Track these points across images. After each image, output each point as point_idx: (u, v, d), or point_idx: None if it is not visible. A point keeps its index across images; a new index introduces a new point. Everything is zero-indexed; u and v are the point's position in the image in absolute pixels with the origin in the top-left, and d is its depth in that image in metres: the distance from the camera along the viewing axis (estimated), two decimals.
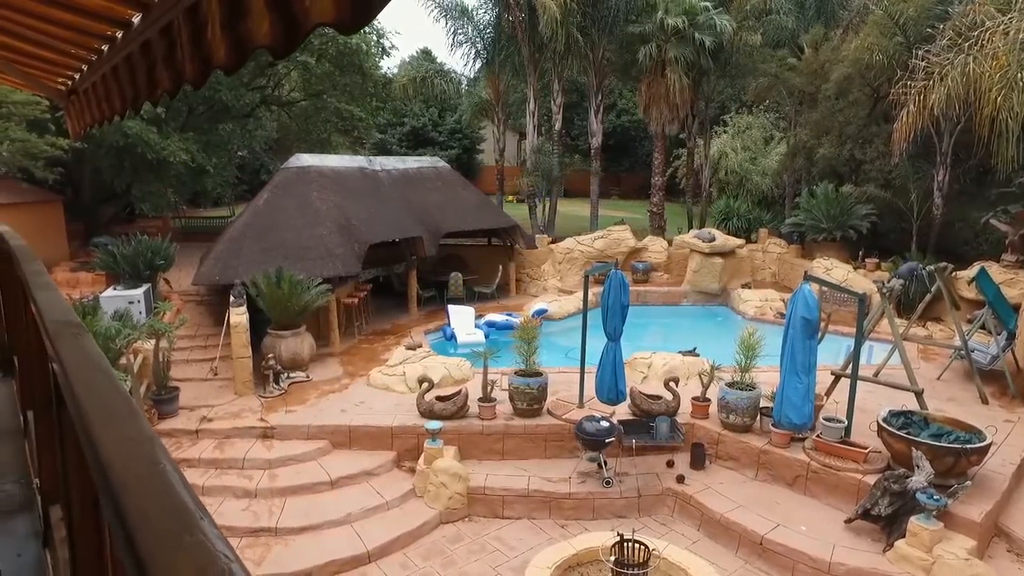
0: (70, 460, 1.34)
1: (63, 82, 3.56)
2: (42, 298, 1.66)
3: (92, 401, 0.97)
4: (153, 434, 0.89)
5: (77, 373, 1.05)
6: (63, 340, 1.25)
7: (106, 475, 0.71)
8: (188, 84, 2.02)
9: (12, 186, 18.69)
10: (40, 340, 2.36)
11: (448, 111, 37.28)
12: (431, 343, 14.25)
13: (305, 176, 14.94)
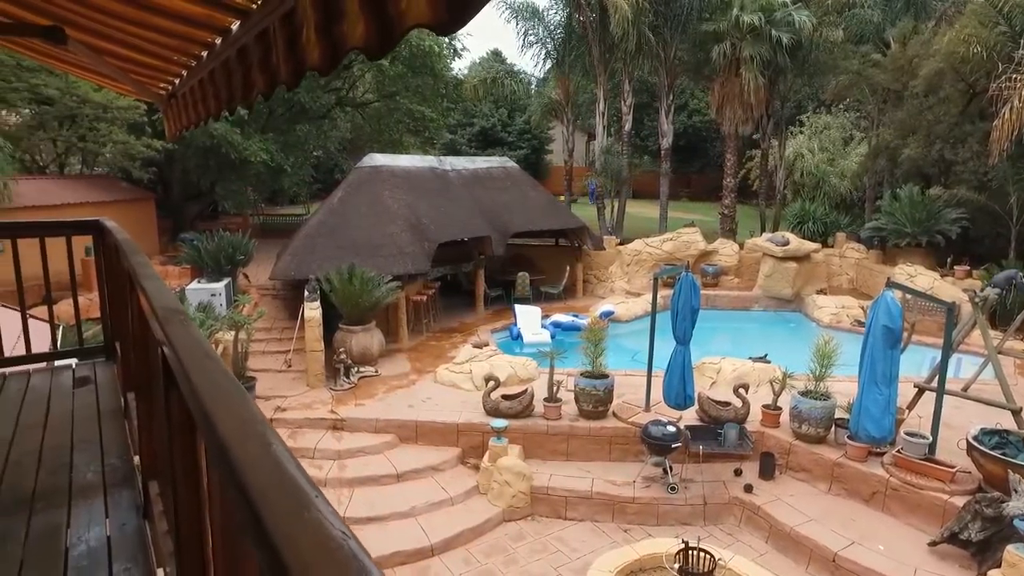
0: (176, 439, 1.42)
1: (164, 87, 3.78)
2: (150, 287, 1.76)
3: (205, 383, 1.03)
4: (263, 415, 0.94)
5: (190, 357, 1.11)
6: (173, 326, 1.33)
7: (226, 454, 0.75)
8: (282, 85, 2.11)
9: (113, 184, 19.99)
10: (142, 327, 2.51)
11: (517, 112, 37.46)
12: (497, 342, 14.35)
13: (377, 175, 15.31)
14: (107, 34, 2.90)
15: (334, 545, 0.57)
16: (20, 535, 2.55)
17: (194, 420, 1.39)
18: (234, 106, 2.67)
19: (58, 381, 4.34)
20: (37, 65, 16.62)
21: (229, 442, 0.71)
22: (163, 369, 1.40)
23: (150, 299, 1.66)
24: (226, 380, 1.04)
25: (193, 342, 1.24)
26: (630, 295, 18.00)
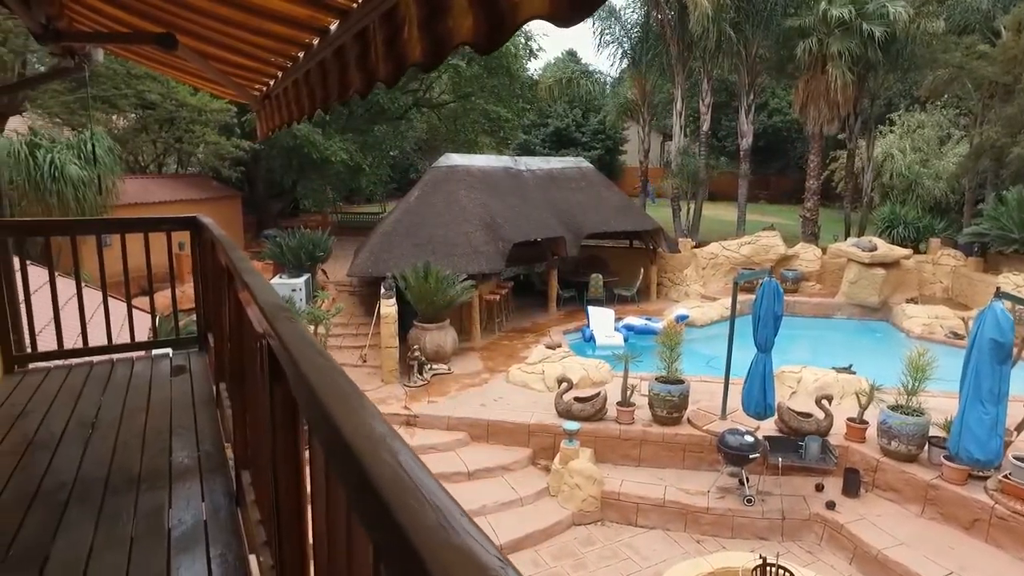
0: (279, 433, 1.44)
1: (259, 88, 3.92)
2: (254, 283, 1.81)
3: (320, 379, 1.02)
4: (377, 410, 0.93)
5: (301, 353, 1.11)
6: (281, 322, 1.34)
7: (353, 462, 0.73)
8: (380, 84, 2.13)
9: (205, 183, 21.10)
10: (238, 321, 2.59)
11: (592, 112, 37.17)
12: (569, 343, 14.26)
13: (453, 175, 15.50)
14: (214, 39, 3.02)
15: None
16: (130, 513, 2.69)
17: (297, 415, 1.41)
18: (329, 106, 2.72)
19: (158, 369, 4.58)
20: (143, 72, 17.73)
21: (359, 451, 0.69)
22: (268, 363, 1.42)
23: (255, 295, 1.69)
24: (339, 376, 1.04)
25: (302, 338, 1.24)
26: (705, 299, 17.55)
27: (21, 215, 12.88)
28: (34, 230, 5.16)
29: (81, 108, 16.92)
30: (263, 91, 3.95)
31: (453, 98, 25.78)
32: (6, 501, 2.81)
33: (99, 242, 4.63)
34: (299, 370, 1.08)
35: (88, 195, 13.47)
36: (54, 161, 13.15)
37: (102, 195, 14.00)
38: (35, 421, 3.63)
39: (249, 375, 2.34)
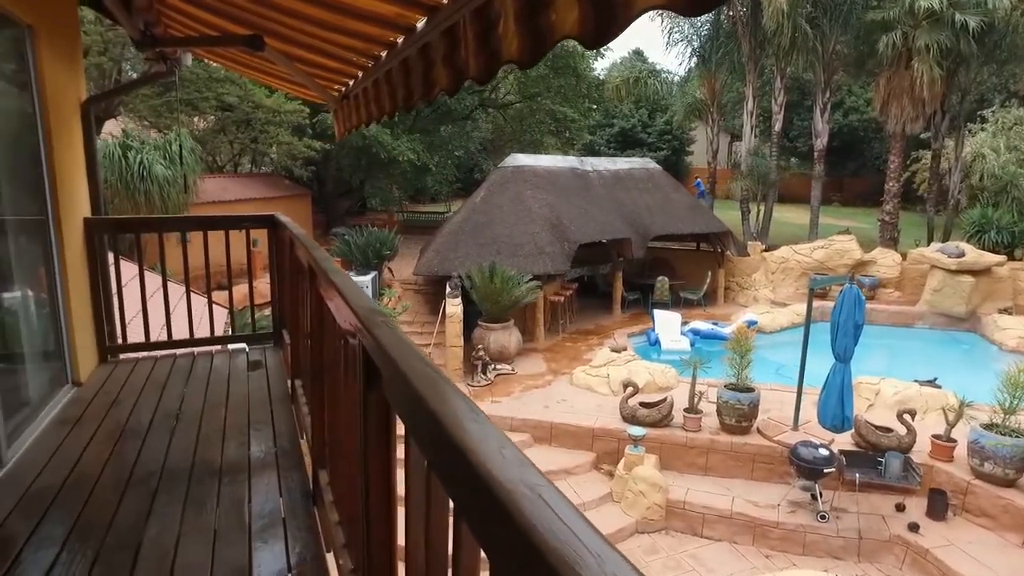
0: (373, 437, 1.41)
1: (338, 88, 3.97)
2: (342, 283, 1.79)
3: (423, 384, 0.98)
4: (498, 430, 0.88)
5: (407, 362, 1.07)
6: (378, 326, 1.31)
7: (466, 459, 0.68)
8: (471, 81, 2.08)
9: (278, 182, 21.84)
10: (318, 319, 2.60)
11: (658, 112, 36.53)
12: (634, 347, 14.04)
13: (520, 175, 15.49)
14: (298, 40, 3.06)
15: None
16: (213, 504, 2.75)
17: (391, 420, 1.37)
18: (412, 104, 2.70)
19: (235, 363, 4.71)
20: (223, 76, 18.47)
21: (466, 443, 0.63)
22: (363, 366, 1.39)
23: (346, 295, 1.68)
24: (443, 382, 0.99)
25: (400, 342, 1.20)
26: (775, 305, 16.97)
27: (113, 212, 13.61)
28: (126, 227, 5.41)
29: (168, 111, 17.76)
30: (342, 91, 3.99)
31: (519, 98, 25.80)
32: (104, 485, 2.93)
33: (184, 239, 4.81)
34: (405, 380, 1.03)
35: (172, 193, 14.11)
36: (143, 161, 13.84)
37: (186, 193, 14.64)
38: (126, 410, 3.78)
39: (330, 374, 2.34)
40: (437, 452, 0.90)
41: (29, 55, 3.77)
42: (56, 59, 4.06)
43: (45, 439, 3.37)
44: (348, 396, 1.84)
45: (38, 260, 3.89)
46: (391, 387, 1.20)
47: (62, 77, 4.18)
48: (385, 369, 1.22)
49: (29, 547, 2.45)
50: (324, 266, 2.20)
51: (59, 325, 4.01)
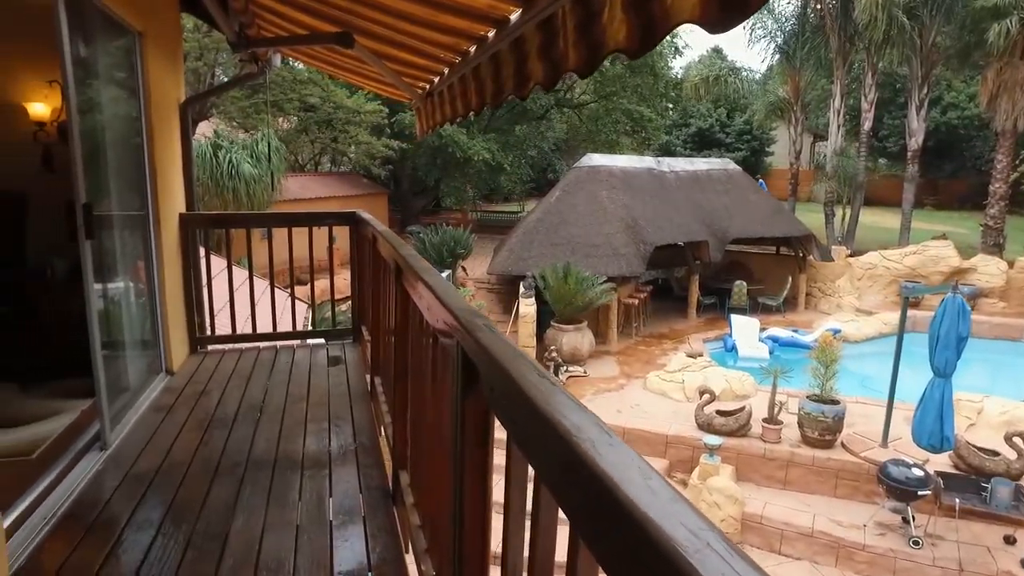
0: (469, 439, 1.35)
1: (422, 86, 3.97)
2: (436, 283, 1.75)
3: (539, 395, 0.91)
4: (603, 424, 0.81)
5: (512, 364, 1.01)
6: (480, 330, 1.25)
7: (605, 491, 0.61)
8: (568, 74, 2.00)
9: (356, 180, 22.46)
10: (402, 317, 2.58)
11: (737, 111, 35.42)
12: (710, 352, 13.63)
13: (595, 175, 15.31)
14: (387, 36, 3.07)
15: None
16: (295, 498, 2.79)
17: (490, 427, 1.31)
18: (500, 101, 2.65)
19: (316, 358, 4.80)
20: (306, 78, 19.13)
21: (639, 510, 0.54)
22: (460, 369, 1.33)
23: (439, 293, 1.63)
24: (550, 385, 0.93)
25: (502, 344, 1.14)
26: (860, 313, 16.11)
27: (204, 209, 14.32)
28: (217, 223, 5.63)
29: (255, 112, 18.54)
30: (426, 88, 4.00)
31: (594, 98, 25.55)
32: (194, 473, 3.02)
33: (269, 235, 4.95)
34: (516, 389, 0.97)
35: (257, 191, 14.71)
36: (232, 160, 14.49)
37: (273, 191, 15.23)
38: (214, 400, 3.91)
39: (416, 374, 2.31)
40: (557, 471, 0.83)
41: (137, 60, 3.96)
42: (160, 63, 4.25)
43: (142, 424, 3.52)
44: (437, 397, 1.80)
45: (139, 254, 4.08)
46: (495, 393, 1.13)
47: (165, 80, 4.37)
48: (488, 374, 1.16)
49: (129, 528, 2.55)
50: (414, 264, 2.17)
51: (156, 316, 4.19)
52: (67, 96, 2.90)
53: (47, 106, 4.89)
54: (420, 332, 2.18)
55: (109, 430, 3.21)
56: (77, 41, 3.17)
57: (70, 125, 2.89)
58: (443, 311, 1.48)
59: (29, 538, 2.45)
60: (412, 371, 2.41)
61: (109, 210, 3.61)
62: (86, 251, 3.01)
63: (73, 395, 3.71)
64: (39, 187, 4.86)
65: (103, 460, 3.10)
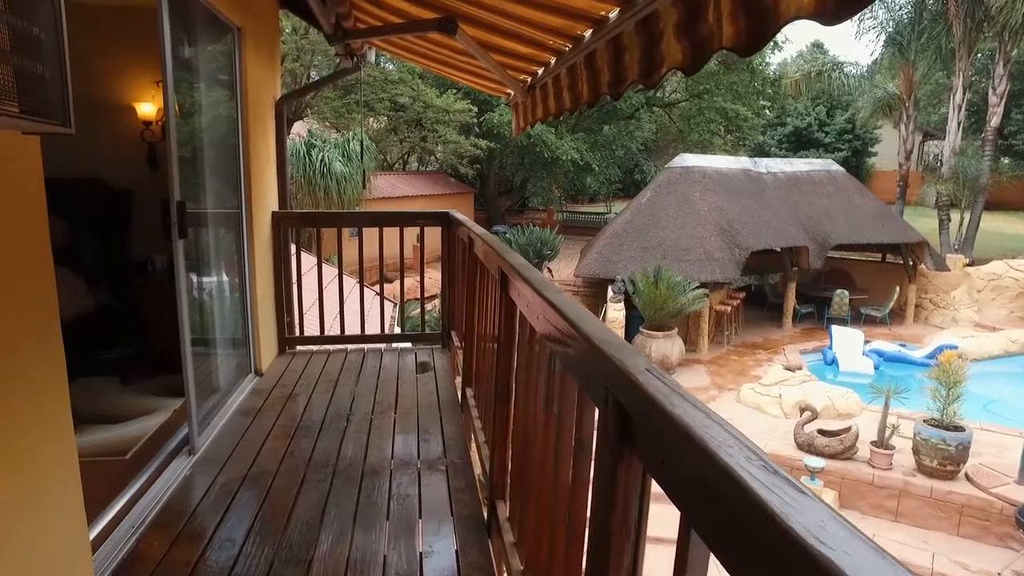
0: (615, 502, 1.07)
1: (525, 78, 3.73)
2: (566, 306, 1.48)
3: (756, 496, 0.62)
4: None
5: (699, 433, 0.73)
6: (639, 373, 0.96)
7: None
8: (673, 71, 1.79)
9: (443, 180, 22.66)
10: (507, 330, 2.33)
11: (838, 109, 33.42)
12: (808, 365, 12.79)
13: (688, 176, 14.70)
14: (491, 23, 2.83)
15: None
16: (383, 518, 2.61)
17: (644, 494, 1.02)
18: (621, 91, 2.36)
19: (403, 363, 4.64)
20: (397, 78, 19.41)
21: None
22: (615, 421, 1.05)
23: (557, 305, 1.38)
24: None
25: (694, 410, 0.86)
26: (980, 328, 14.72)
27: (298, 206, 14.72)
28: (309, 221, 5.61)
29: (347, 112, 18.97)
30: (527, 81, 3.75)
31: (685, 96, 24.68)
32: (281, 481, 2.91)
33: (360, 235, 4.84)
34: (718, 481, 0.68)
35: (348, 189, 14.97)
36: (324, 159, 14.82)
37: (365, 189, 15.47)
38: (300, 405, 3.80)
39: (524, 400, 2.05)
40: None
41: (236, 56, 3.90)
42: (258, 59, 4.20)
43: (230, 428, 3.44)
44: (552, 428, 1.53)
45: (232, 251, 4.04)
46: (669, 467, 0.85)
47: (262, 76, 4.32)
48: (656, 441, 0.88)
49: (212, 545, 2.43)
50: (528, 275, 1.90)
51: (247, 315, 4.14)
52: (166, 93, 2.83)
53: (154, 106, 4.97)
54: (530, 353, 1.92)
55: (197, 434, 3.13)
56: (179, 39, 3.12)
57: (167, 122, 2.81)
58: (583, 343, 1.20)
59: (115, 551, 2.37)
60: (519, 395, 2.15)
61: (204, 207, 3.56)
62: (178, 249, 2.94)
63: (170, 392, 3.70)
64: (144, 184, 4.96)
65: (191, 465, 3.02)
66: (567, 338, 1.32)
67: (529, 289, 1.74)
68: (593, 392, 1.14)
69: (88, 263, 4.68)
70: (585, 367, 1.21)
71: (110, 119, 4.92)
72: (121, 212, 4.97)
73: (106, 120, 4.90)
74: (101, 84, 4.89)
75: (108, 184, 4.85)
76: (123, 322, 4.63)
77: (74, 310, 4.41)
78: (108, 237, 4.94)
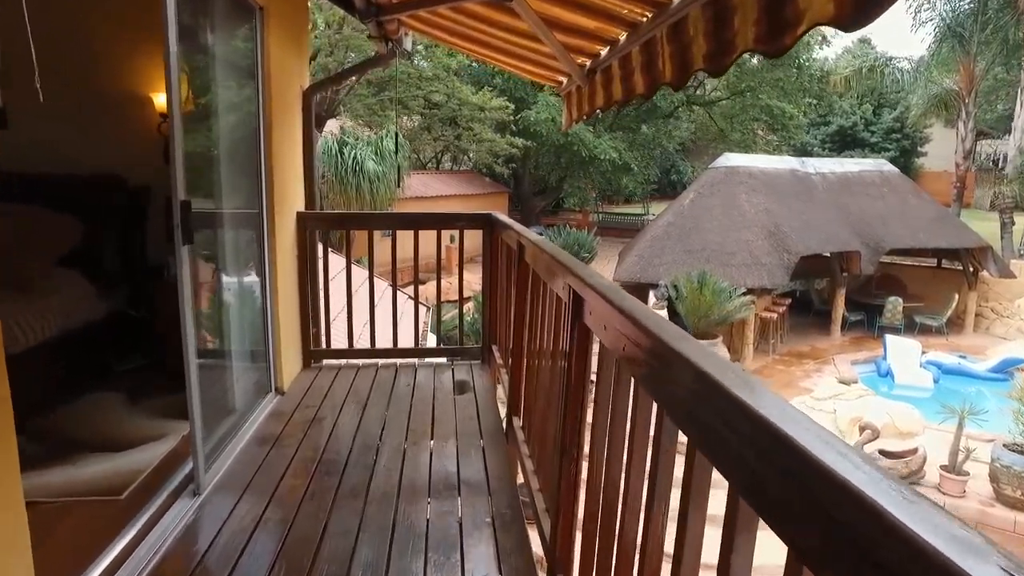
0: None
1: (583, 61, 3.24)
2: (651, 321, 1.01)
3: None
4: None
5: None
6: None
7: None
8: (755, 52, 1.47)
9: (477, 179, 22.24)
10: (578, 371, 1.85)
11: (886, 107, 32.13)
12: (860, 377, 12.04)
13: (733, 176, 14.03)
14: None
15: None
16: (419, 571, 2.17)
17: None
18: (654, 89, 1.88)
19: (440, 381, 4.19)
20: (431, 75, 19.04)
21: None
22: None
23: (633, 315, 0.92)
24: None
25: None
26: None
27: (328, 206, 14.42)
28: (338, 223, 5.20)
29: (380, 109, 18.65)
30: (586, 64, 3.26)
31: (727, 94, 23.85)
32: (298, 536, 2.48)
33: (394, 236, 4.40)
34: None
35: (380, 188, 14.63)
36: (356, 157, 14.49)
37: (399, 188, 15.11)
38: (325, 432, 3.38)
39: (602, 453, 1.57)
40: None
41: (257, 38, 3.50)
42: (283, 43, 3.79)
43: (243, 461, 3.02)
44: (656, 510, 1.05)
45: (250, 256, 3.63)
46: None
47: (287, 62, 3.91)
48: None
49: None
50: (620, 302, 1.40)
51: (267, 327, 3.73)
52: (168, 77, 2.41)
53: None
54: (615, 399, 1.44)
55: (204, 470, 2.71)
56: (190, 16, 2.72)
57: (170, 108, 2.40)
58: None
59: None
60: (598, 456, 1.64)
61: (218, 207, 3.16)
62: (182, 254, 2.53)
63: (182, 413, 3.30)
64: (161, 181, 4.57)
65: (195, 508, 2.60)
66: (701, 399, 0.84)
67: (624, 320, 1.25)
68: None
69: (102, 266, 4.33)
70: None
71: (125, 111, 4.56)
72: (137, 211, 4.60)
73: (120, 112, 4.54)
74: (115, 73, 4.53)
75: (124, 181, 4.49)
76: (137, 331, 4.27)
77: (85, 317, 4.05)
78: (123, 238, 4.58)
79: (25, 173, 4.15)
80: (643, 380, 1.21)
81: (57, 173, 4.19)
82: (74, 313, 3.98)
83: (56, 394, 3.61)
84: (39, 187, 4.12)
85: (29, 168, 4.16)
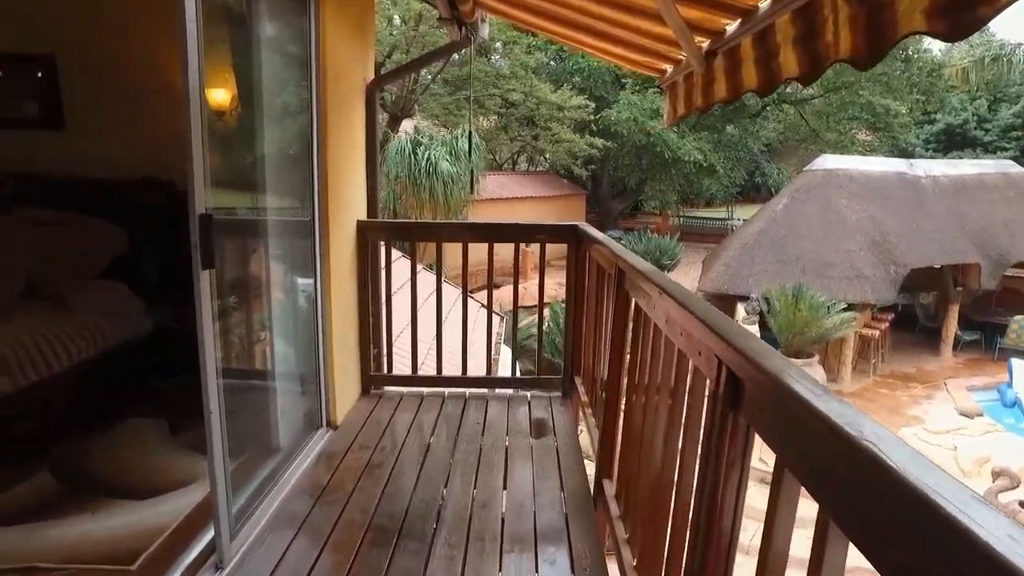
0: None
1: (702, 41, 2.60)
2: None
3: None
4: None
5: None
6: None
7: None
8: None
9: (554, 180, 21.65)
10: (720, 451, 1.24)
11: (1005, 102, 29.35)
12: (981, 406, 10.73)
13: (832, 180, 12.89)
14: None
15: None
16: None
17: None
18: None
19: (514, 419, 3.62)
20: (508, 73, 18.58)
21: None
22: None
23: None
24: None
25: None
26: None
27: (401, 207, 14.15)
28: (403, 232, 4.73)
29: (456, 108, 18.31)
30: (703, 45, 2.62)
31: (821, 91, 22.27)
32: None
33: (464, 250, 3.86)
34: None
35: (454, 190, 14.22)
36: (430, 158, 14.15)
37: (472, 191, 14.66)
38: (380, 483, 2.86)
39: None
40: None
41: (311, 23, 3.02)
42: (342, 28, 3.32)
43: (280, 521, 2.54)
44: None
45: (299, 269, 3.17)
46: None
47: (346, 51, 3.44)
48: None
49: None
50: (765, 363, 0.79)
51: (318, 351, 3.26)
52: (185, 56, 1.94)
53: (227, 93, 4.22)
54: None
55: (229, 538, 2.24)
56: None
57: (185, 95, 1.94)
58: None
59: None
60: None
61: (261, 214, 2.71)
62: (202, 282, 2.07)
63: None
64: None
65: None
66: None
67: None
68: None
69: (147, 277, 4.00)
70: None
71: (176, 109, 4.21)
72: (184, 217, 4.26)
73: (171, 110, 4.19)
74: (165, 68, 4.19)
75: (175, 185, 4.16)
76: (183, 347, 3.90)
77: (129, 334, 3.72)
78: (169, 246, 4.24)
79: (73, 177, 3.87)
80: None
81: (104, 178, 3.88)
82: (118, 330, 3.66)
83: (90, 419, 3.27)
84: (83, 192, 3.83)
85: (78, 172, 3.88)
